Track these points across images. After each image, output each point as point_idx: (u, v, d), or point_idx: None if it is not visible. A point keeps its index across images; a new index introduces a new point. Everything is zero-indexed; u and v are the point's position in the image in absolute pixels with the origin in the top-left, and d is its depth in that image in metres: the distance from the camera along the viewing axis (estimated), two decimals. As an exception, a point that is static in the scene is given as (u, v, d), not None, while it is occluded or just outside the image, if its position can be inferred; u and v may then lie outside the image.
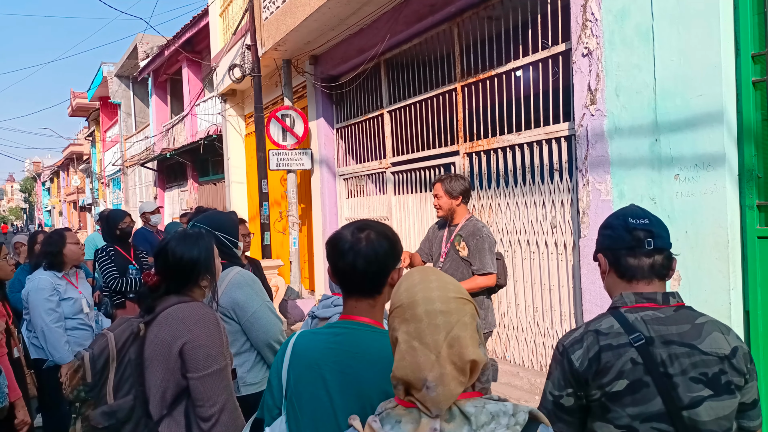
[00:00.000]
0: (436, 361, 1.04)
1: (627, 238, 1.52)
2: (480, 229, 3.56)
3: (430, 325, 1.06)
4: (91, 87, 23.15)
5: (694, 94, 3.07)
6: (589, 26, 3.68)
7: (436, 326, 1.06)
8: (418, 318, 1.08)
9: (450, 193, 3.63)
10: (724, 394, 1.40)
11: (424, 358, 1.05)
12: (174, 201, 16.62)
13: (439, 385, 1.04)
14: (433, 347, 1.05)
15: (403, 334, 1.09)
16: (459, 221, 3.65)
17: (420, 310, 1.08)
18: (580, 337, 1.49)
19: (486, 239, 3.52)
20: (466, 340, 1.07)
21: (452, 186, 3.63)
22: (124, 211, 5.22)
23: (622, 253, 1.53)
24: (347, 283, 1.47)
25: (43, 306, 3.51)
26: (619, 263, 1.54)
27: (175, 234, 2.09)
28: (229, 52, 9.48)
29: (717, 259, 3.00)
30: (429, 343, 1.06)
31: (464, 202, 3.68)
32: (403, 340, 1.08)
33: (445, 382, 1.04)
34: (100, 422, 1.88)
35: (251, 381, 2.57)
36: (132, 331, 1.95)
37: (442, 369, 1.04)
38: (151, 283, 2.00)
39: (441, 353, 1.05)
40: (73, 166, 37.24)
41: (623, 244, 1.52)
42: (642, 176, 3.37)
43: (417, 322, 1.08)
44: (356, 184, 7.49)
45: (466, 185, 3.68)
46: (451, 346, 1.06)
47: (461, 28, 5.31)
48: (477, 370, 1.08)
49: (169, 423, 1.89)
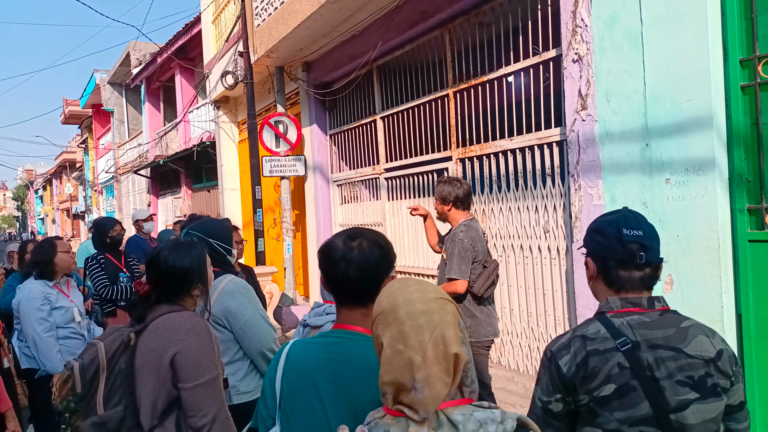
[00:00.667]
0: (422, 362, 1.05)
1: (619, 250, 1.50)
2: (457, 233, 3.46)
3: (414, 326, 1.07)
4: (83, 94, 23.08)
5: (684, 99, 3.09)
6: (579, 32, 3.70)
7: (420, 327, 1.06)
8: (401, 321, 1.08)
9: (440, 198, 3.58)
10: (711, 396, 1.41)
11: (411, 359, 1.05)
12: (167, 208, 16.56)
13: (426, 386, 1.04)
14: (418, 348, 1.05)
15: (388, 339, 1.09)
16: (454, 226, 3.59)
17: (402, 313, 1.08)
18: (567, 342, 1.50)
19: (458, 244, 3.41)
20: (450, 338, 1.07)
21: (443, 191, 3.56)
22: (114, 219, 5.20)
23: (612, 264, 1.51)
24: (340, 292, 1.47)
25: (34, 315, 3.49)
26: (609, 274, 1.53)
27: (168, 242, 2.08)
28: (221, 59, 9.48)
29: (708, 263, 3.01)
30: (414, 345, 1.06)
31: (459, 208, 3.57)
32: (387, 344, 1.08)
33: (432, 384, 1.04)
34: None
35: (244, 389, 2.56)
36: (122, 340, 1.93)
37: (428, 370, 1.04)
38: (143, 291, 1.99)
39: (427, 354, 1.05)
40: (66, 173, 37.10)
41: (614, 255, 1.50)
42: (633, 181, 3.38)
43: (400, 325, 1.08)
44: (350, 190, 7.49)
45: (460, 192, 3.54)
46: (436, 345, 1.06)
47: (453, 34, 5.34)
48: (459, 366, 1.08)
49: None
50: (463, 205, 3.59)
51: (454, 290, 3.39)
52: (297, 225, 8.53)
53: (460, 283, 3.40)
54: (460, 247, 3.41)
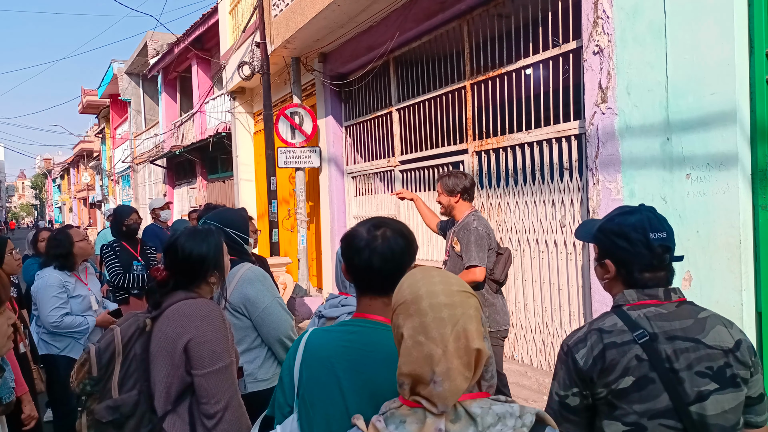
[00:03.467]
0: (443, 356, 1.03)
1: (647, 256, 1.47)
2: (470, 222, 3.48)
3: (436, 318, 1.05)
4: (101, 84, 23.30)
5: (707, 92, 3.03)
6: (600, 24, 3.65)
7: (442, 319, 1.05)
8: (423, 312, 1.06)
9: (448, 190, 3.59)
10: (730, 387, 1.40)
11: (431, 352, 1.04)
12: (183, 198, 16.68)
13: (446, 380, 1.02)
14: (439, 341, 1.04)
15: (409, 330, 1.07)
16: (460, 218, 3.60)
17: (424, 304, 1.07)
18: (583, 336, 1.49)
19: (473, 232, 3.42)
20: (472, 333, 1.05)
21: (450, 183, 3.58)
22: (131, 208, 5.25)
23: (637, 268, 1.49)
24: (362, 281, 1.46)
25: (52, 303, 3.52)
26: (632, 276, 1.50)
27: (185, 230, 2.09)
28: (238, 49, 9.50)
29: (729, 260, 2.96)
30: (435, 337, 1.04)
31: (465, 199, 3.61)
32: (408, 335, 1.07)
33: (452, 377, 1.03)
34: (105, 416, 1.89)
35: (262, 377, 2.57)
36: (138, 326, 1.95)
37: (449, 363, 1.03)
38: (160, 278, 2.00)
39: (448, 347, 1.04)
40: (83, 163, 37.52)
41: (642, 261, 1.48)
42: (653, 175, 3.34)
43: (422, 317, 1.06)
44: (364, 183, 7.48)
45: (467, 183, 3.60)
46: (457, 339, 1.04)
47: (471, 25, 5.29)
48: (481, 362, 1.06)
49: (173, 419, 1.88)
50: (469, 196, 3.63)
51: (474, 278, 3.39)
52: (311, 216, 8.55)
53: (479, 271, 3.40)
54: (476, 235, 3.42)
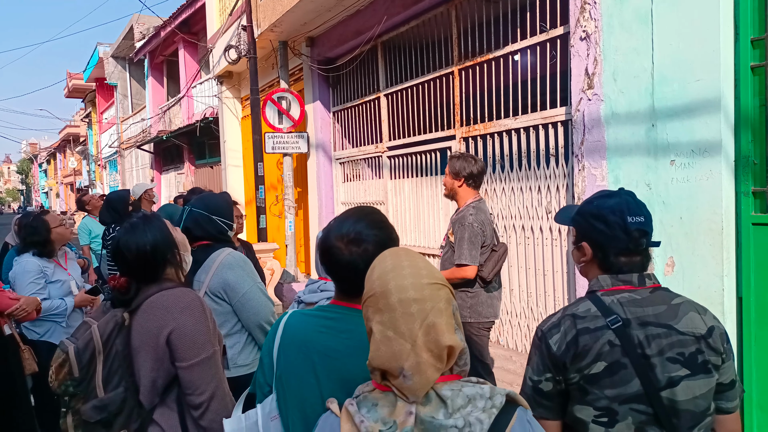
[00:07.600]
0: (411, 350, 1.03)
1: (624, 240, 1.47)
2: (466, 216, 3.37)
3: (404, 314, 1.05)
4: (87, 68, 22.96)
5: (692, 79, 3.03)
6: (587, 9, 3.63)
7: (411, 315, 1.04)
8: (392, 307, 1.06)
9: (453, 172, 3.47)
10: (701, 373, 1.41)
11: (400, 348, 1.04)
12: (171, 184, 16.56)
13: (416, 373, 1.03)
14: (408, 336, 1.04)
15: (377, 324, 1.07)
16: (461, 205, 3.50)
17: (393, 300, 1.06)
18: (557, 321, 1.49)
19: (467, 228, 3.33)
20: (442, 327, 1.05)
21: (457, 165, 3.46)
22: (126, 190, 5.26)
23: (613, 251, 1.50)
24: (341, 284, 1.45)
25: (29, 290, 3.47)
26: (608, 260, 1.51)
27: (121, 229, 1.96)
28: (225, 33, 9.38)
29: (711, 246, 2.99)
30: (404, 332, 1.04)
31: (470, 185, 3.48)
32: (377, 330, 1.07)
33: (422, 370, 1.03)
34: (92, 416, 1.84)
35: (242, 363, 2.57)
36: (116, 321, 1.89)
37: (418, 357, 1.03)
38: (119, 286, 1.89)
39: (417, 342, 1.03)
40: (69, 147, 37.06)
41: (618, 244, 1.48)
42: (638, 162, 3.34)
43: (391, 312, 1.06)
44: (352, 168, 7.46)
45: (474, 168, 3.46)
46: (427, 333, 1.04)
47: (459, 10, 5.25)
48: (454, 355, 1.06)
49: (162, 410, 1.86)
50: (475, 183, 3.50)
51: (464, 276, 3.33)
52: (299, 202, 8.52)
53: (470, 269, 3.34)
54: (470, 232, 3.33)
